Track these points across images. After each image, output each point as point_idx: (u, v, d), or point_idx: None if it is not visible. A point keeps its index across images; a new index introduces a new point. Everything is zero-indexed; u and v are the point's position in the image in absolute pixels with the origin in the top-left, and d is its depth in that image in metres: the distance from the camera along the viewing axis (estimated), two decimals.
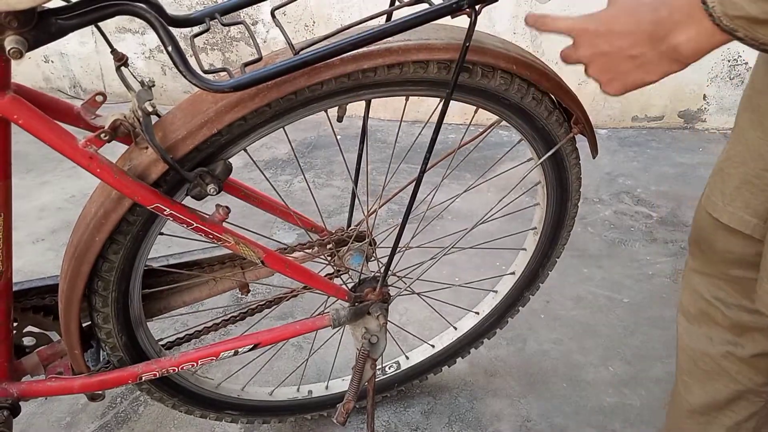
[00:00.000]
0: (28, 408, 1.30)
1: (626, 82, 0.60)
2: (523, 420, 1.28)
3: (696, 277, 0.81)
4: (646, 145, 2.51)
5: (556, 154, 0.99)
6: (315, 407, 1.26)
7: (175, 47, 0.66)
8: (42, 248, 1.87)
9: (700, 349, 0.82)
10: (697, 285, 0.81)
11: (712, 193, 0.74)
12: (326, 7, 2.62)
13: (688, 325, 0.84)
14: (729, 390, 0.80)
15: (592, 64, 0.61)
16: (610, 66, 0.59)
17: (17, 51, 0.61)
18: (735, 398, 0.81)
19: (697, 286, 0.81)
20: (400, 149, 2.40)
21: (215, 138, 0.76)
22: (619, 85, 0.61)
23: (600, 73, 0.61)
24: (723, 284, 0.77)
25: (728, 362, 0.79)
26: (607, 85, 0.61)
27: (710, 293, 0.79)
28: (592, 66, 0.61)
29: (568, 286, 1.67)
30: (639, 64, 0.58)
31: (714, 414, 0.83)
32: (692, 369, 0.84)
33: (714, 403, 0.83)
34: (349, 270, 1.07)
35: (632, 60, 0.58)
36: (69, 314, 0.85)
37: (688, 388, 0.85)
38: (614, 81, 0.61)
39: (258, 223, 1.88)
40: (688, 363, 0.85)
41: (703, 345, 0.82)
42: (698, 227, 0.78)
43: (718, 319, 0.78)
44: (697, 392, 0.84)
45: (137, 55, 2.90)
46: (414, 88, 0.84)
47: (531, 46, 2.49)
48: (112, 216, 0.77)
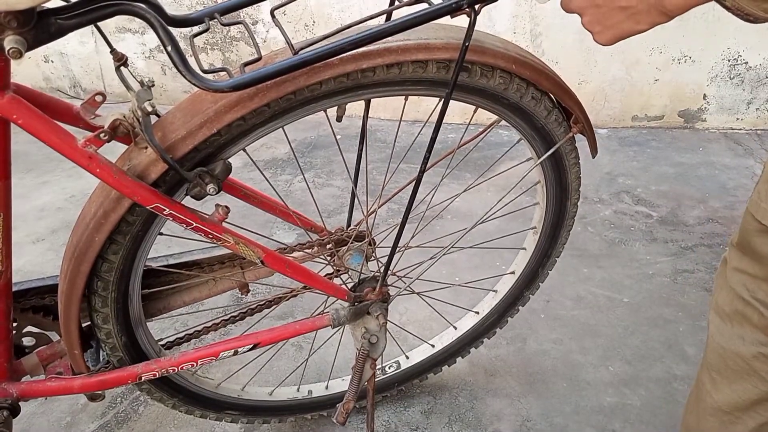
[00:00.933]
0: (28, 408, 1.30)
1: (617, 32, 0.64)
2: (523, 420, 1.28)
3: (736, 276, 0.81)
4: (646, 145, 2.51)
5: (556, 153, 0.99)
6: (315, 407, 1.26)
7: (175, 47, 0.66)
8: (42, 248, 1.87)
9: (731, 348, 0.82)
10: (735, 284, 0.81)
11: (762, 200, 0.75)
12: (326, 7, 2.62)
13: (720, 323, 0.84)
14: (758, 391, 0.80)
15: (585, 15, 0.65)
16: (602, 17, 0.64)
17: (17, 51, 0.61)
18: (763, 400, 0.81)
19: (735, 286, 0.81)
20: (400, 149, 2.40)
21: (214, 138, 0.76)
22: (611, 34, 0.65)
23: (592, 24, 0.65)
24: (765, 285, 0.77)
25: (759, 363, 0.79)
26: (598, 35, 0.66)
27: (750, 293, 0.79)
28: (585, 17, 0.65)
29: (568, 286, 1.67)
30: (629, 15, 0.62)
31: (738, 414, 0.83)
32: (721, 367, 0.84)
33: (741, 402, 0.83)
34: (349, 270, 1.07)
35: (623, 11, 0.62)
36: (68, 314, 0.85)
37: (715, 385, 0.85)
38: (606, 31, 0.65)
39: (258, 223, 1.88)
40: (717, 361, 0.85)
41: (734, 344, 0.81)
42: (744, 231, 0.79)
43: (754, 320, 0.79)
44: (724, 390, 0.84)
45: (137, 54, 2.90)
46: (413, 87, 0.84)
47: (531, 45, 2.49)
48: (112, 216, 0.77)
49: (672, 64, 2.51)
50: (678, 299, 1.62)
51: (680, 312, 1.57)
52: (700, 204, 2.05)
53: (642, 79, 2.56)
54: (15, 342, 0.93)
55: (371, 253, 1.09)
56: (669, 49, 2.47)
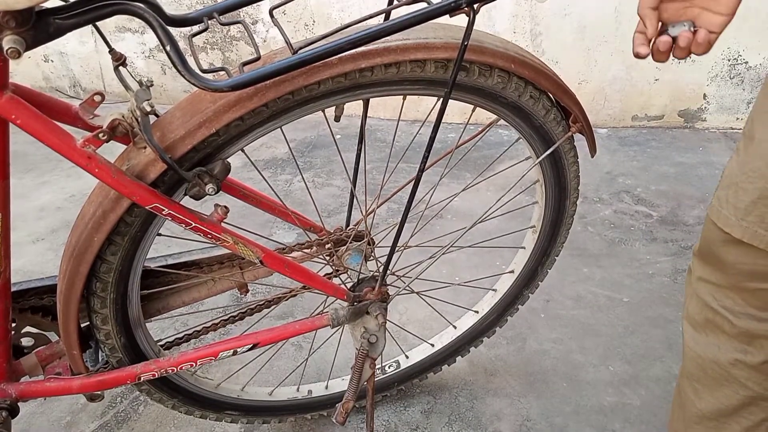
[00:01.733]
0: (28, 408, 1.30)
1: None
2: (522, 419, 1.28)
3: (702, 286, 0.81)
4: (646, 145, 2.51)
5: (555, 152, 0.99)
6: (315, 407, 1.26)
7: (174, 47, 0.66)
8: (41, 248, 1.87)
9: (708, 357, 0.82)
10: (703, 294, 0.80)
11: (723, 207, 0.73)
12: (326, 7, 2.62)
13: (694, 333, 0.84)
14: (739, 396, 0.80)
15: None
16: None
17: (15, 51, 0.61)
18: (746, 404, 0.81)
19: (703, 296, 0.80)
20: (399, 148, 2.40)
21: (213, 138, 0.76)
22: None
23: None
24: (731, 293, 0.77)
25: (737, 369, 0.79)
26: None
27: (717, 302, 0.78)
28: None
29: (568, 286, 1.67)
30: None
31: (724, 419, 0.83)
32: (701, 376, 0.84)
33: (724, 409, 0.82)
34: (348, 269, 1.07)
35: None
36: (67, 315, 0.85)
37: (698, 394, 0.85)
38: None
39: (257, 223, 1.88)
40: (696, 370, 0.84)
41: (711, 353, 0.81)
42: (707, 240, 0.78)
43: (725, 328, 0.78)
44: (707, 399, 0.84)
45: (137, 54, 2.90)
46: (411, 87, 0.84)
47: (531, 45, 2.49)
48: (111, 216, 0.77)
49: (672, 64, 2.51)
50: (678, 299, 1.62)
51: (680, 312, 1.57)
52: (700, 204, 2.05)
53: (642, 79, 2.55)
54: (14, 342, 0.93)
55: (370, 253, 1.09)
56: None
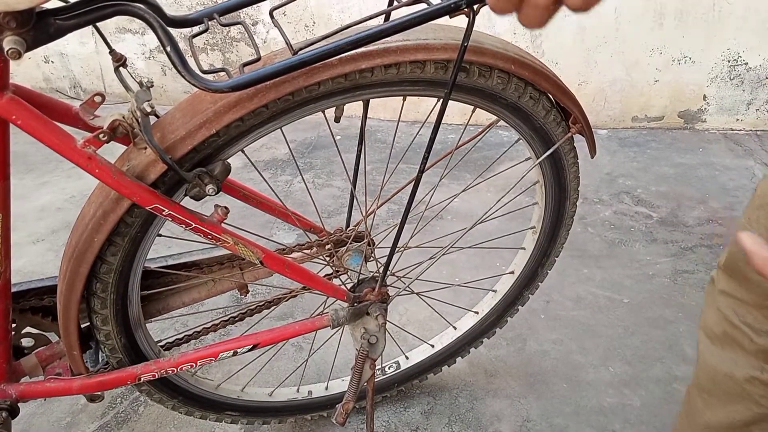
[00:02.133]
0: (28, 408, 1.30)
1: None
2: (523, 420, 1.28)
3: (724, 299, 0.80)
4: (646, 146, 2.51)
5: (555, 153, 0.99)
6: (315, 408, 1.26)
7: (174, 47, 0.66)
8: (42, 249, 1.87)
9: (722, 370, 0.81)
10: (724, 308, 0.80)
11: (752, 226, 0.73)
12: (326, 8, 2.62)
13: (710, 345, 0.83)
14: (751, 413, 0.80)
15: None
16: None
17: (16, 51, 0.61)
18: (757, 420, 0.80)
19: (724, 309, 0.80)
20: (399, 149, 2.40)
21: (213, 138, 0.76)
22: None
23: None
24: (754, 310, 0.76)
25: (752, 386, 0.78)
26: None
27: (738, 318, 0.78)
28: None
29: (568, 286, 1.67)
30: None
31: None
32: (713, 389, 0.83)
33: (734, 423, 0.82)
34: (348, 270, 1.07)
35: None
36: (68, 315, 0.85)
37: (708, 406, 0.85)
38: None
39: (257, 224, 1.88)
40: (709, 383, 0.84)
41: (726, 367, 0.80)
42: (733, 256, 0.78)
43: (744, 344, 0.78)
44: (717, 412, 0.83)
45: (137, 55, 2.90)
46: (411, 88, 0.84)
47: (531, 46, 2.49)
48: (111, 216, 0.77)
49: (672, 65, 2.51)
50: (678, 300, 1.62)
51: (680, 312, 1.57)
52: (700, 205, 2.05)
53: (642, 80, 2.56)
54: (14, 343, 0.93)
55: (370, 254, 1.09)
56: (669, 50, 2.47)
